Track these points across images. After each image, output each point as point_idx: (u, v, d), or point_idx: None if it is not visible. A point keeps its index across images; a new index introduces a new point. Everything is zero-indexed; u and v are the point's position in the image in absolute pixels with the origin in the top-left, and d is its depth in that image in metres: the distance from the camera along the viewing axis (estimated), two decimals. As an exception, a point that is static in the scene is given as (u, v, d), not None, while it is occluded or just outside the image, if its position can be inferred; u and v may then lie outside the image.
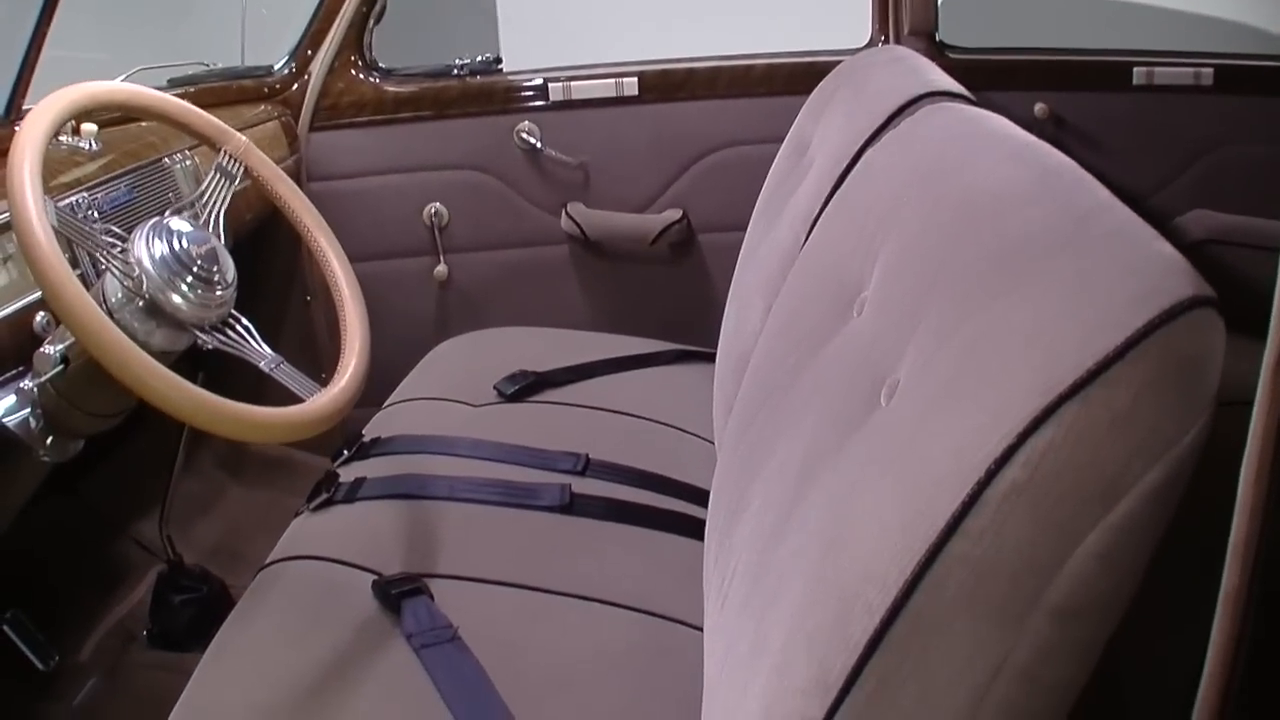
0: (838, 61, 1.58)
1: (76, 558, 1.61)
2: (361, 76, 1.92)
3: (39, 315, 1.11)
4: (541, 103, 1.92)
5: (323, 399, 1.03)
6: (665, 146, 1.93)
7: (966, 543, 0.55)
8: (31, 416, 1.09)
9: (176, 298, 1.03)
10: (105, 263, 1.03)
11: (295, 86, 1.92)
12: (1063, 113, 1.88)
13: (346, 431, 1.36)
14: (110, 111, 1.27)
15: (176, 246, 1.05)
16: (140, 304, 1.04)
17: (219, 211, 1.18)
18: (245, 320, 1.10)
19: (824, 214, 1.15)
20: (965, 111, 1.04)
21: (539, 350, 1.58)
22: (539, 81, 1.92)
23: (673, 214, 1.94)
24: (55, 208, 0.96)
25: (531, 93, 1.92)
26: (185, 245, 1.05)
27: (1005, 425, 0.54)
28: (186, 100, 1.22)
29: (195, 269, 1.05)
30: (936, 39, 1.88)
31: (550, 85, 1.91)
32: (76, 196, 1.21)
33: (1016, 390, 0.55)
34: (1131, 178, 1.84)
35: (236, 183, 1.21)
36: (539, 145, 1.92)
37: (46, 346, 1.07)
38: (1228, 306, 0.54)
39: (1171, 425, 0.53)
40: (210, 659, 0.97)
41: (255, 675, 0.93)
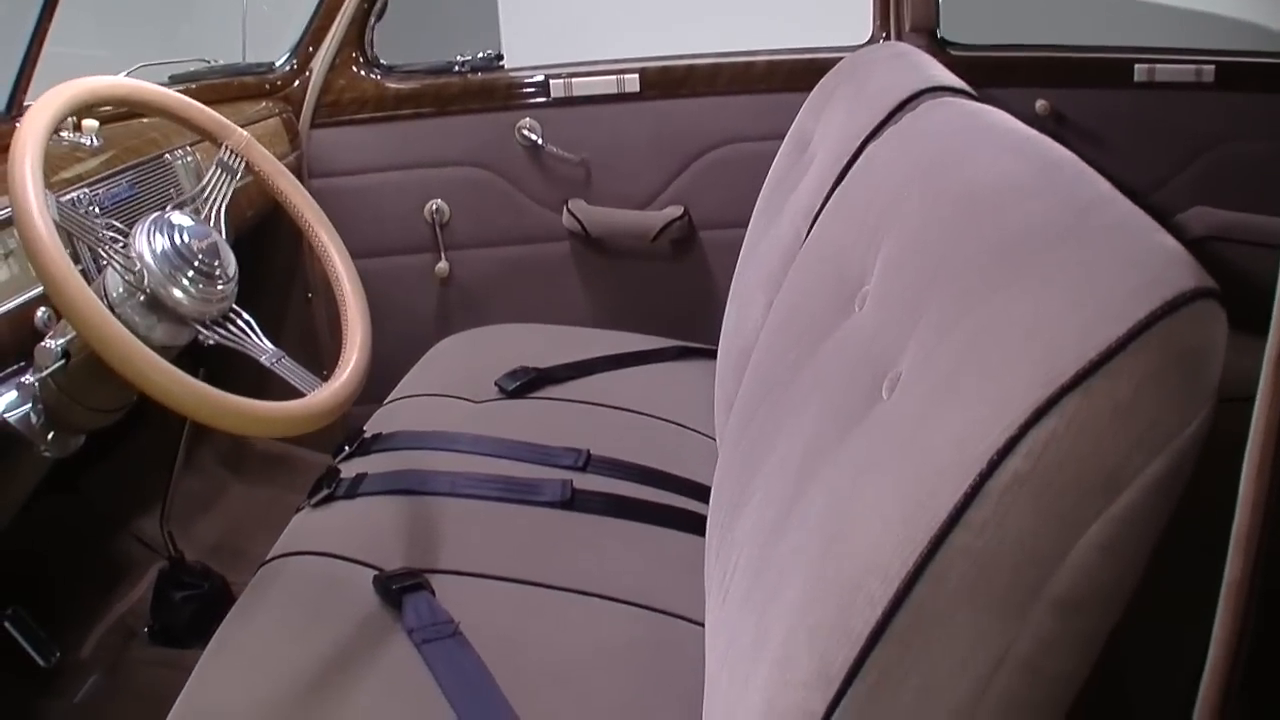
0: (839, 58, 1.59)
1: (77, 554, 1.61)
2: (363, 73, 1.92)
3: (40, 310, 1.11)
4: (543, 99, 1.92)
5: (324, 393, 1.03)
6: (666, 143, 1.93)
7: (969, 534, 0.55)
8: (32, 411, 1.09)
9: (178, 292, 1.03)
10: (106, 258, 1.03)
11: (296, 83, 1.92)
12: (1064, 110, 1.88)
13: (348, 427, 1.36)
14: (111, 107, 1.27)
15: (178, 241, 1.05)
16: (141, 299, 1.04)
17: (220, 207, 1.18)
18: (246, 315, 1.09)
19: (825, 209, 1.15)
20: (966, 106, 1.04)
21: (540, 346, 1.58)
22: (540, 78, 1.92)
23: (674, 210, 1.94)
24: (57, 203, 0.96)
25: (533, 89, 1.92)
26: (186, 240, 1.05)
27: (1007, 417, 0.54)
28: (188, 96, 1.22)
29: (196, 264, 1.05)
30: (938, 36, 1.88)
31: (551, 82, 1.91)
32: (78, 192, 1.21)
33: (1018, 382, 0.55)
34: (1132, 175, 1.83)
35: (238, 178, 1.21)
36: (540, 142, 1.92)
37: (48, 341, 1.07)
38: (1229, 303, 0.54)
39: (1173, 416, 0.52)
40: (211, 655, 0.97)
41: (256, 671, 0.93)
